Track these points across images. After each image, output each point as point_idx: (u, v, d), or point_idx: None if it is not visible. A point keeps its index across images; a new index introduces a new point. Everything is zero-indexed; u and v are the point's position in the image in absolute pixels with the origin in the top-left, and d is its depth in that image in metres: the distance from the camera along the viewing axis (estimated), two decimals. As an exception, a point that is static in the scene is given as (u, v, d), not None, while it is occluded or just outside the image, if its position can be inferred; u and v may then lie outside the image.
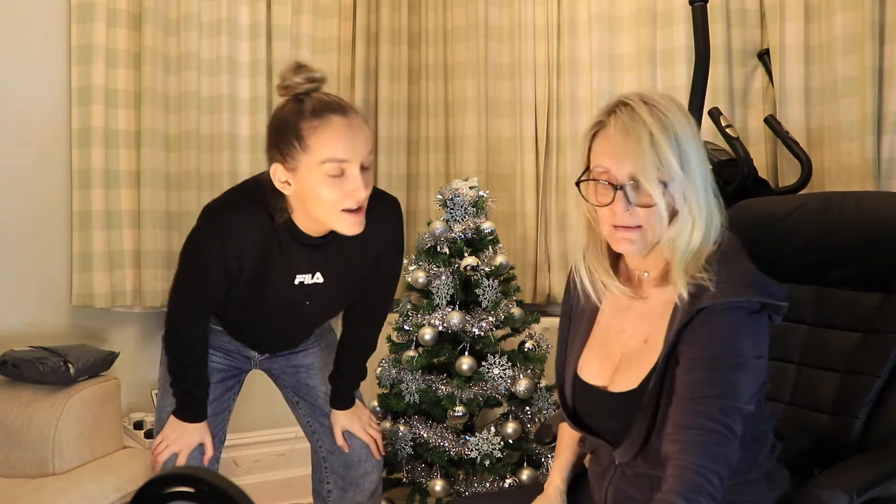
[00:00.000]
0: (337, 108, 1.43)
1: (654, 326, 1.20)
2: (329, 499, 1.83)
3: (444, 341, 2.19)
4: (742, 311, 1.10)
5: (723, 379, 1.06)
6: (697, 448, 1.03)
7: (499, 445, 2.07)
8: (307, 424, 1.86)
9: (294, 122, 1.42)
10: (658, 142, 1.11)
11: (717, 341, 1.08)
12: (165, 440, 1.66)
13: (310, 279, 1.60)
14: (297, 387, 1.85)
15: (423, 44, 2.87)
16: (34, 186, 2.34)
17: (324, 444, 1.83)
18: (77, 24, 2.35)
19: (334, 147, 1.41)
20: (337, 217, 1.46)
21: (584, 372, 1.28)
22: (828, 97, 2.18)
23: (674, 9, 2.42)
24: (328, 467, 1.83)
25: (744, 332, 1.09)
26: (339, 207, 1.44)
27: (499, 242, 2.26)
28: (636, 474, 1.21)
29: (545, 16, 2.66)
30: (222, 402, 1.75)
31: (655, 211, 1.12)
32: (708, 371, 1.07)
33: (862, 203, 1.45)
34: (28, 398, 1.92)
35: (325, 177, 1.41)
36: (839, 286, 1.47)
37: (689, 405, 1.07)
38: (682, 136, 1.12)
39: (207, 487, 0.73)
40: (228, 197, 1.59)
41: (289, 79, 1.44)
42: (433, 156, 2.84)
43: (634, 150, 1.11)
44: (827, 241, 1.47)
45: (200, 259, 1.54)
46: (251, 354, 1.81)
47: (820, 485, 1.16)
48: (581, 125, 2.58)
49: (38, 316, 2.35)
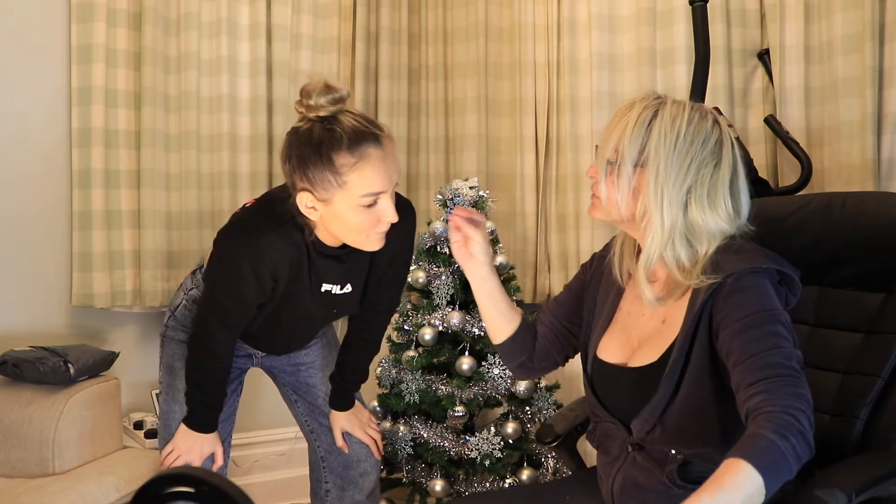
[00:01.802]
0: (371, 138, 1.36)
1: (671, 307, 1.24)
2: (327, 498, 1.83)
3: (444, 341, 2.19)
4: (765, 276, 1.15)
5: (770, 331, 1.10)
6: (777, 394, 1.04)
7: (499, 445, 2.07)
8: (305, 423, 1.86)
9: (327, 153, 1.34)
10: (629, 129, 1.18)
11: (752, 300, 1.13)
12: (177, 450, 1.63)
13: (338, 290, 1.59)
14: (296, 385, 1.85)
15: (423, 44, 2.87)
16: (34, 186, 2.34)
17: (322, 443, 1.83)
18: (77, 24, 2.35)
19: (374, 183, 1.36)
20: (365, 239, 1.44)
21: (603, 353, 1.32)
22: (828, 97, 2.18)
23: (674, 9, 2.42)
24: (326, 467, 1.83)
25: (771, 293, 1.15)
26: (370, 231, 1.42)
27: (499, 242, 2.26)
28: (648, 457, 1.23)
29: (545, 16, 2.65)
30: (229, 407, 1.74)
31: (599, 184, 1.22)
32: (754, 329, 1.10)
33: (864, 203, 1.45)
34: (28, 398, 1.92)
35: (360, 207, 1.38)
36: (841, 286, 1.46)
37: (751, 362, 1.08)
38: (663, 140, 1.17)
39: (207, 487, 0.73)
40: (257, 218, 1.53)
41: (314, 100, 1.35)
42: (433, 156, 2.84)
43: (610, 126, 1.22)
44: (829, 242, 1.47)
45: (237, 283, 1.50)
46: (254, 352, 1.80)
47: (818, 484, 1.15)
48: (581, 125, 2.58)
49: (38, 316, 2.35)
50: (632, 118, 1.19)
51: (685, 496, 1.08)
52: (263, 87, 2.61)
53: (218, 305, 1.56)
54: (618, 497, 1.28)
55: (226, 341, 1.60)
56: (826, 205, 1.49)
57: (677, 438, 1.18)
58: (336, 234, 1.47)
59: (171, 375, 1.71)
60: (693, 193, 1.18)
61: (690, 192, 1.18)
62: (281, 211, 1.47)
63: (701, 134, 1.18)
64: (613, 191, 1.21)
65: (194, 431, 1.64)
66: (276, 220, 1.48)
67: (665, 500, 1.20)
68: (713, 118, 1.21)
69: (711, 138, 1.19)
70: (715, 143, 1.19)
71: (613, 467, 1.29)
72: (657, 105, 1.20)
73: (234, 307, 1.54)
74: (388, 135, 1.41)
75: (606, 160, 1.21)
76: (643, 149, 1.18)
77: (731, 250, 1.19)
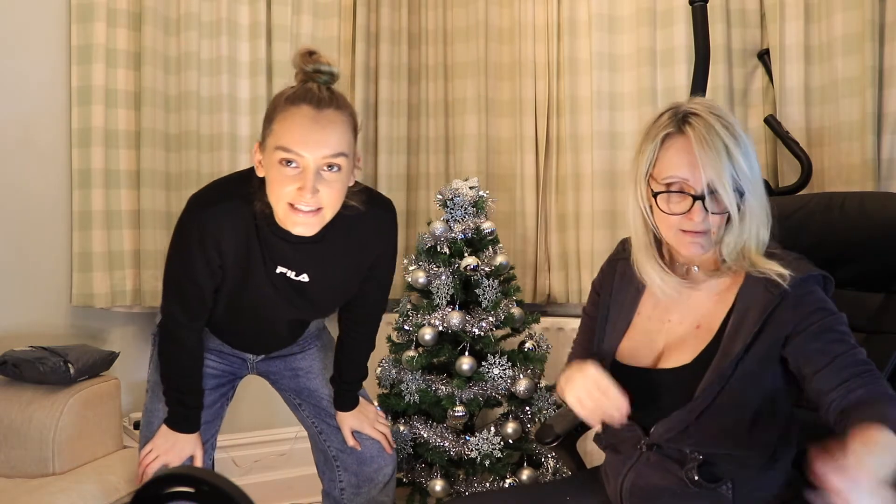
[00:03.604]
0: (315, 100, 1.37)
1: (707, 312, 1.25)
2: (343, 497, 1.80)
3: (444, 341, 2.19)
4: (816, 282, 1.20)
5: (844, 332, 1.15)
6: (871, 386, 1.09)
7: (499, 445, 2.07)
8: (313, 426, 1.83)
9: (275, 102, 1.41)
10: (734, 154, 1.17)
11: (818, 306, 1.17)
12: (156, 450, 1.62)
13: (294, 276, 1.56)
14: (298, 390, 1.83)
15: (423, 44, 2.87)
16: (34, 186, 2.34)
17: (332, 443, 1.80)
18: (77, 24, 2.35)
19: (289, 137, 1.35)
20: (285, 211, 1.40)
21: (622, 357, 1.31)
22: (828, 97, 2.18)
23: (674, 9, 2.42)
24: (340, 465, 1.80)
25: (827, 297, 1.19)
26: (286, 200, 1.38)
27: (499, 242, 2.26)
28: (664, 457, 1.22)
29: (545, 16, 2.65)
30: (214, 410, 1.72)
31: (727, 218, 1.20)
32: (829, 332, 1.15)
33: (865, 203, 1.45)
34: (28, 398, 1.92)
35: (277, 164, 1.37)
36: (843, 287, 1.46)
37: (837, 364, 1.12)
38: (748, 147, 1.20)
39: (207, 487, 0.73)
40: (209, 190, 1.56)
41: (297, 64, 1.44)
42: (433, 156, 2.84)
43: (714, 161, 1.16)
44: (830, 242, 1.47)
45: (185, 256, 1.50)
46: (246, 357, 1.79)
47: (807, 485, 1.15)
48: (581, 125, 2.58)
49: (38, 316, 2.35)
50: (720, 143, 1.17)
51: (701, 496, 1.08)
52: (263, 87, 2.61)
53: (172, 282, 1.56)
54: (627, 496, 1.26)
55: (188, 328, 1.59)
56: (827, 205, 1.49)
57: (707, 440, 1.18)
58: (269, 199, 1.44)
59: (158, 373, 1.68)
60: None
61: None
62: (237, 187, 1.49)
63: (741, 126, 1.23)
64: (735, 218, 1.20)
65: (174, 431, 1.62)
66: (228, 195, 1.49)
67: (679, 500, 1.20)
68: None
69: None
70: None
71: (625, 466, 1.27)
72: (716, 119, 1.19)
73: (187, 285, 1.54)
74: (342, 111, 1.40)
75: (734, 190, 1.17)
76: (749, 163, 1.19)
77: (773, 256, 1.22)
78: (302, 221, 1.40)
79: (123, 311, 2.50)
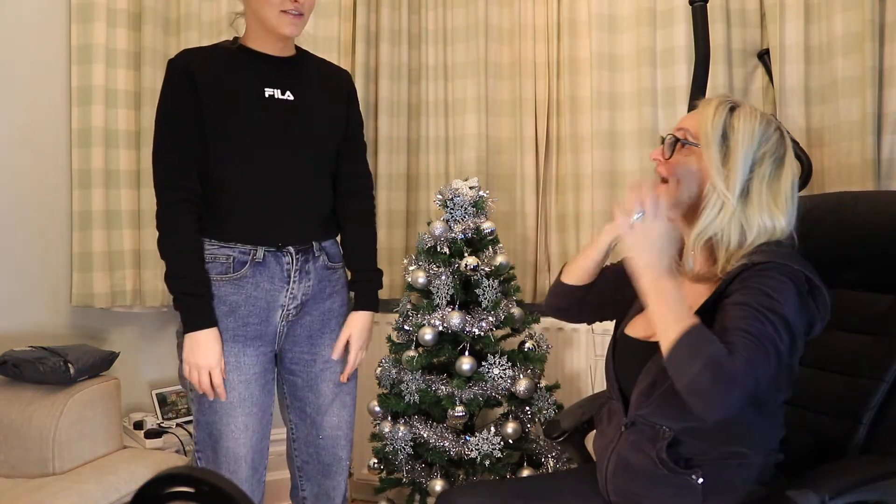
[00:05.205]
0: None
1: (698, 293, 1.28)
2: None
3: (444, 341, 2.19)
4: (791, 278, 1.16)
5: (769, 317, 1.11)
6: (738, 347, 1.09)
7: (499, 445, 2.07)
8: (291, 431, 1.84)
9: None
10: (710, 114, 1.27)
11: (759, 285, 1.15)
12: (192, 367, 1.59)
13: (280, 94, 1.67)
14: (300, 385, 1.78)
15: (423, 44, 2.86)
16: (34, 186, 2.34)
17: (301, 453, 1.83)
18: (77, 24, 2.36)
19: None
20: (277, 18, 1.61)
21: (630, 329, 1.39)
22: (828, 97, 2.18)
23: (674, 9, 2.42)
24: (303, 476, 1.84)
25: (791, 295, 1.15)
26: (278, 9, 1.60)
27: (499, 242, 2.26)
28: (639, 435, 1.26)
29: (545, 16, 2.65)
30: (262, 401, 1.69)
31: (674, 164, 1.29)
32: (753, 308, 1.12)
33: (875, 202, 1.45)
34: (28, 398, 1.92)
35: None
36: (853, 288, 1.46)
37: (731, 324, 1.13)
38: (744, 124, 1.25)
39: (207, 487, 0.73)
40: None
41: None
42: (433, 156, 2.84)
43: (689, 115, 1.32)
44: (840, 243, 1.46)
45: (162, 102, 1.64)
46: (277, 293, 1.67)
47: (794, 485, 1.15)
48: (581, 125, 2.58)
49: (38, 316, 2.35)
50: (712, 106, 1.28)
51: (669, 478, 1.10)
52: (263, 87, 2.61)
53: (157, 138, 1.64)
54: (611, 479, 1.31)
55: (183, 193, 1.59)
56: (836, 205, 1.49)
57: (670, 411, 1.21)
58: (258, 15, 1.62)
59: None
60: (756, 182, 1.24)
61: (753, 181, 1.24)
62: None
63: (771, 134, 1.27)
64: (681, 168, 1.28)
65: (193, 333, 1.58)
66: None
67: (650, 482, 1.23)
68: (776, 125, 1.29)
69: (778, 140, 1.28)
70: (779, 143, 1.27)
71: (608, 450, 1.33)
72: (734, 102, 1.29)
73: (166, 128, 1.62)
74: None
75: (675, 137, 1.29)
76: (724, 133, 1.25)
77: (772, 249, 1.23)
78: (291, 22, 1.63)
79: (123, 311, 2.50)
